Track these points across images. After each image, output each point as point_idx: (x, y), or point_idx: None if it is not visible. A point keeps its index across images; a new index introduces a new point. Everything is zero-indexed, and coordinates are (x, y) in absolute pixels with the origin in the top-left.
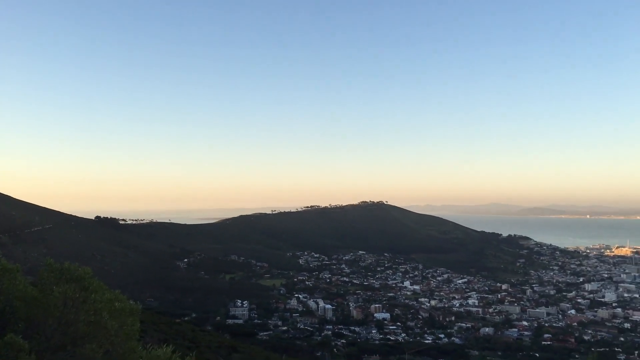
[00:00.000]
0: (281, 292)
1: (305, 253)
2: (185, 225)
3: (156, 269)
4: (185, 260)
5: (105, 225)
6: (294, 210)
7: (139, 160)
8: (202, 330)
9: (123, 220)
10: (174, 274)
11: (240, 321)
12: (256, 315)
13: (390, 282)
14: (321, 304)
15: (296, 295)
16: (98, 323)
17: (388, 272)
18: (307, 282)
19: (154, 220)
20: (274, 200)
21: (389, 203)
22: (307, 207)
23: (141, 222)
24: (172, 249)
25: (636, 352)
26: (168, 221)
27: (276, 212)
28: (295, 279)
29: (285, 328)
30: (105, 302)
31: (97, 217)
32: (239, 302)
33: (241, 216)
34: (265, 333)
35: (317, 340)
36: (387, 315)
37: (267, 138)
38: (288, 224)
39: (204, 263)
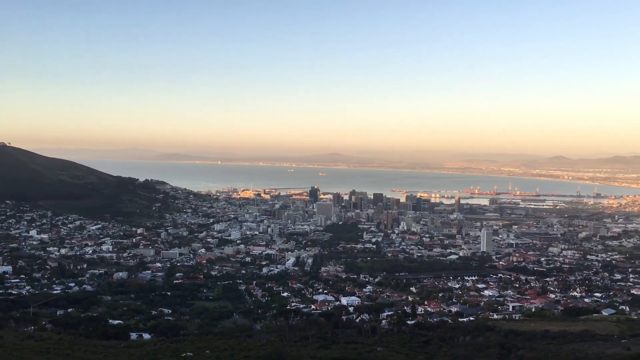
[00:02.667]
0: None
1: None
2: None
3: None
4: None
5: None
6: None
7: None
8: None
9: None
10: None
11: None
12: None
13: (14, 232)
14: None
15: None
16: None
17: (10, 221)
18: None
19: None
20: None
21: (12, 145)
22: None
23: None
24: None
25: (254, 281)
26: None
27: None
28: None
29: None
30: None
31: None
32: None
33: None
34: None
35: None
36: (8, 269)
37: None
38: None
39: None
